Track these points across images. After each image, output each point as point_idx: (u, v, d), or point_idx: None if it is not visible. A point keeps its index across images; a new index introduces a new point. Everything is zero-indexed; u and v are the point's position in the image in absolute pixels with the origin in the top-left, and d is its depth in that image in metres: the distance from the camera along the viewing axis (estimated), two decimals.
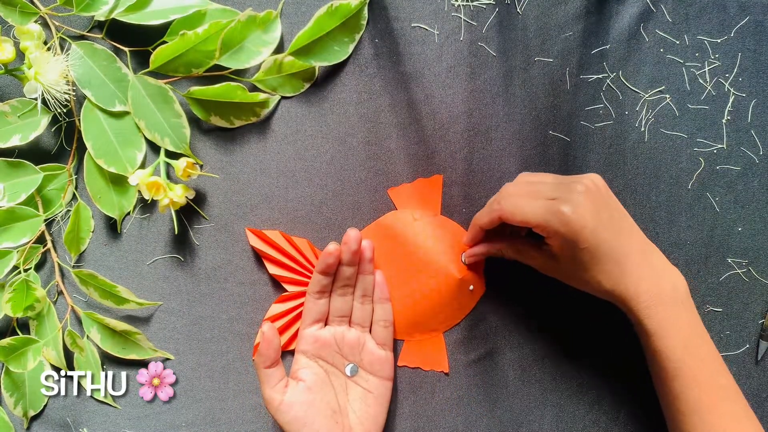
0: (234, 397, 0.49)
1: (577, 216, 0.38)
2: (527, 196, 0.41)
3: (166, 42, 0.45)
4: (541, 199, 0.40)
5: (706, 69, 0.47)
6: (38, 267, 0.49)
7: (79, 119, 0.47)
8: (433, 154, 0.48)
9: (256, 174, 0.48)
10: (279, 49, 0.46)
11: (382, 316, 0.46)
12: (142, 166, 0.48)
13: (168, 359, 0.49)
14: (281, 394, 0.43)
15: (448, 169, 0.48)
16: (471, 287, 0.47)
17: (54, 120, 0.48)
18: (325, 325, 0.46)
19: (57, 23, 0.47)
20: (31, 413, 0.50)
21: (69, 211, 0.48)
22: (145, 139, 0.47)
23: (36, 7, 0.46)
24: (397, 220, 0.48)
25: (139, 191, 0.47)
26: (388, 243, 0.48)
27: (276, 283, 0.49)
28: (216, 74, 0.46)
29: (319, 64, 0.47)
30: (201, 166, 0.48)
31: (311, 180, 0.48)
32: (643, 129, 0.47)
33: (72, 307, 0.49)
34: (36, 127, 0.47)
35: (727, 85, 0.47)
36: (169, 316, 0.49)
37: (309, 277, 0.47)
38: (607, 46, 0.47)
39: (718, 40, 0.47)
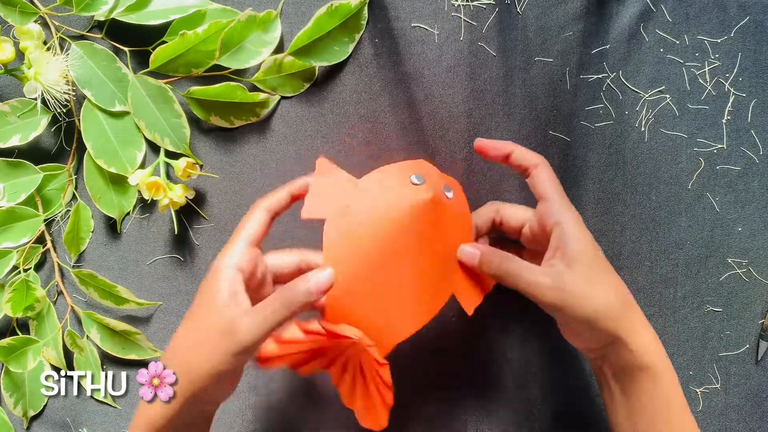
0: (234, 397, 0.49)
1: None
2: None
3: (166, 42, 0.45)
4: None
5: (706, 69, 0.47)
6: (38, 267, 0.49)
7: (78, 119, 0.47)
8: (433, 154, 0.48)
9: (256, 174, 0.48)
10: (279, 49, 0.46)
11: None
12: (142, 166, 0.48)
13: None
14: None
15: (448, 169, 0.48)
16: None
17: (54, 120, 0.48)
18: None
19: (57, 23, 0.47)
20: (31, 413, 0.50)
21: (69, 211, 0.48)
22: (145, 139, 0.47)
23: (36, 7, 0.46)
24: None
25: (139, 191, 0.47)
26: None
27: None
28: (216, 74, 0.46)
29: (319, 64, 0.47)
30: (201, 166, 0.48)
31: None
32: (643, 129, 0.47)
33: (72, 307, 0.49)
34: (36, 127, 0.47)
35: (727, 85, 0.47)
36: (169, 316, 0.49)
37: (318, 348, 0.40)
38: (607, 46, 0.47)
39: (718, 40, 0.47)
